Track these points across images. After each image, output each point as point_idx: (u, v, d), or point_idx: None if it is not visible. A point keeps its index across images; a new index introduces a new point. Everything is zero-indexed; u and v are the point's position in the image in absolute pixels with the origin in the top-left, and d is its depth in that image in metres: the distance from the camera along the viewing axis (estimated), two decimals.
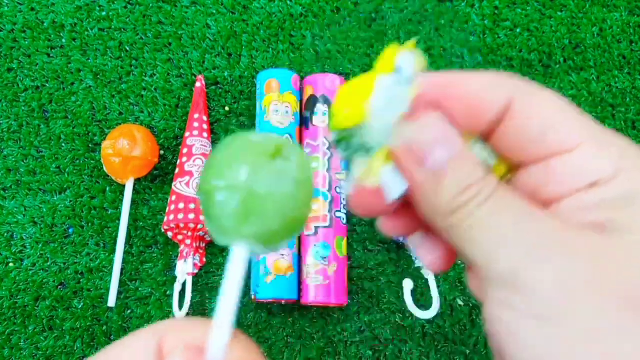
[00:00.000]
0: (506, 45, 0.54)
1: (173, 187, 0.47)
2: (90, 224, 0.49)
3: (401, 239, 0.47)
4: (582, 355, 0.15)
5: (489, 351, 0.48)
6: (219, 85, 0.53)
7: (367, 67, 0.53)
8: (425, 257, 0.20)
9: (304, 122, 0.49)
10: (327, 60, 0.53)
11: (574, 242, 0.16)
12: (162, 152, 0.51)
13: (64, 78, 0.52)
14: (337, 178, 0.48)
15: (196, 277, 0.48)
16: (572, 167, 0.17)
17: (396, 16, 0.54)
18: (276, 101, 0.49)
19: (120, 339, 0.18)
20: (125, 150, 0.47)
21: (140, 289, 0.48)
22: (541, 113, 0.17)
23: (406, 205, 0.19)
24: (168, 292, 0.48)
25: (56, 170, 0.51)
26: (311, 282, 0.45)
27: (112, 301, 0.47)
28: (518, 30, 0.54)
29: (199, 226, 0.46)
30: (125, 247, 0.48)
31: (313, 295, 0.45)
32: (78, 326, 0.47)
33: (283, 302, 0.46)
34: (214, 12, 0.54)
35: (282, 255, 0.45)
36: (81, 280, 0.48)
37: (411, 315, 0.48)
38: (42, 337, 0.47)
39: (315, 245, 0.46)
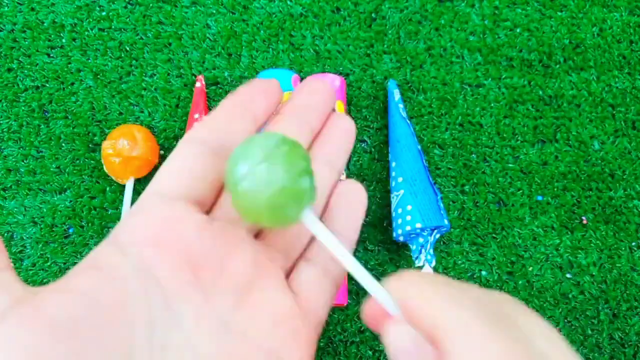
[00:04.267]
0: (506, 45, 0.54)
1: None
2: (90, 224, 0.49)
3: (401, 239, 0.47)
4: None
5: None
6: (219, 85, 0.53)
7: (367, 67, 0.53)
8: None
9: None
10: (327, 60, 0.53)
11: None
12: (162, 152, 0.51)
13: (64, 78, 0.52)
14: None
15: None
16: None
17: (396, 16, 0.54)
18: None
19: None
20: (125, 150, 0.47)
21: None
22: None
23: None
24: None
25: (56, 170, 0.51)
26: None
27: None
28: (518, 30, 0.54)
29: None
30: None
31: None
32: None
33: None
34: (214, 12, 0.54)
35: None
36: None
37: None
38: None
39: None
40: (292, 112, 0.25)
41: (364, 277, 0.20)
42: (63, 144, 0.51)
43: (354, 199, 0.24)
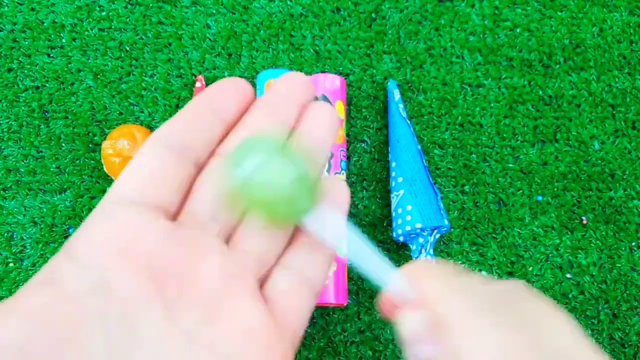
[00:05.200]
0: (506, 45, 0.54)
1: None
2: None
3: (401, 239, 0.47)
4: None
5: None
6: None
7: (367, 67, 0.53)
8: None
9: None
10: (327, 60, 0.53)
11: None
12: None
13: (64, 78, 0.52)
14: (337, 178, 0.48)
15: None
16: None
17: (396, 16, 0.54)
18: None
19: None
20: (125, 150, 0.47)
21: None
22: None
23: None
24: None
25: (56, 170, 0.51)
26: None
27: None
28: (518, 30, 0.54)
29: None
30: None
31: None
32: None
33: None
34: (214, 12, 0.54)
35: None
36: None
37: None
38: None
39: None
40: (265, 106, 0.23)
41: (381, 267, 0.21)
42: (63, 144, 0.51)
43: (335, 197, 0.23)
